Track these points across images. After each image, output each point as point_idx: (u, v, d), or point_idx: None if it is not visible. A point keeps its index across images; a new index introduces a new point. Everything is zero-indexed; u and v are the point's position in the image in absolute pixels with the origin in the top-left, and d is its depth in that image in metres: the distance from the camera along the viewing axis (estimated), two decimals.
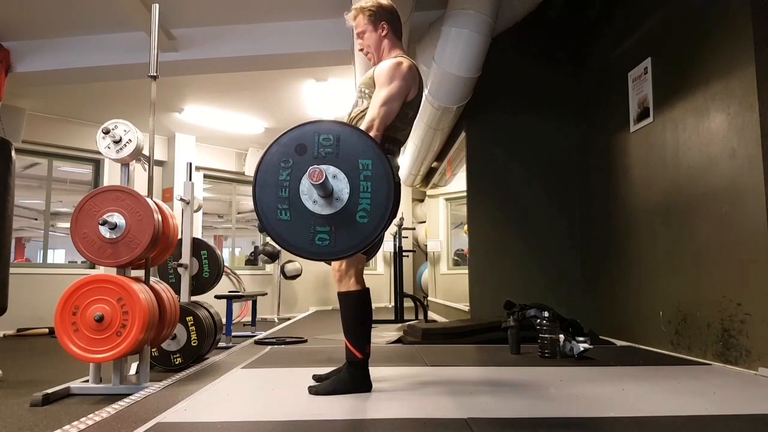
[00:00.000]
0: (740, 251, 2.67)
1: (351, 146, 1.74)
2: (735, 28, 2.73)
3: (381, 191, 1.72)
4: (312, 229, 1.71)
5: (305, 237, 1.71)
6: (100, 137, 2.65)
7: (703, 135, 2.97)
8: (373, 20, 2.33)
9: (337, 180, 1.72)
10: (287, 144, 1.74)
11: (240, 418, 1.80)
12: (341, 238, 1.71)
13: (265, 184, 1.73)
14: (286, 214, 1.71)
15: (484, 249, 4.79)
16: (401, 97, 2.15)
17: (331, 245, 1.71)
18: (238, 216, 9.28)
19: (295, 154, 1.73)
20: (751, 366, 2.57)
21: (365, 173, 1.72)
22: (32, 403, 2.28)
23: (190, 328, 3.19)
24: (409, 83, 2.18)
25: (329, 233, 1.71)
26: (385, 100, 2.10)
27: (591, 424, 1.71)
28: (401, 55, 2.29)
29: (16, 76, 4.70)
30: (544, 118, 4.77)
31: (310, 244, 1.71)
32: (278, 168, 1.73)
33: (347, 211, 1.71)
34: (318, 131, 1.74)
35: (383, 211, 1.72)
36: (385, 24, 2.33)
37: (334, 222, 1.71)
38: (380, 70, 2.19)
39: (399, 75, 2.14)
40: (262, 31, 4.50)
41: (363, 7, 2.34)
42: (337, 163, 1.72)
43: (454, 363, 3.00)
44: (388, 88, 2.12)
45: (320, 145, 1.72)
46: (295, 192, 1.71)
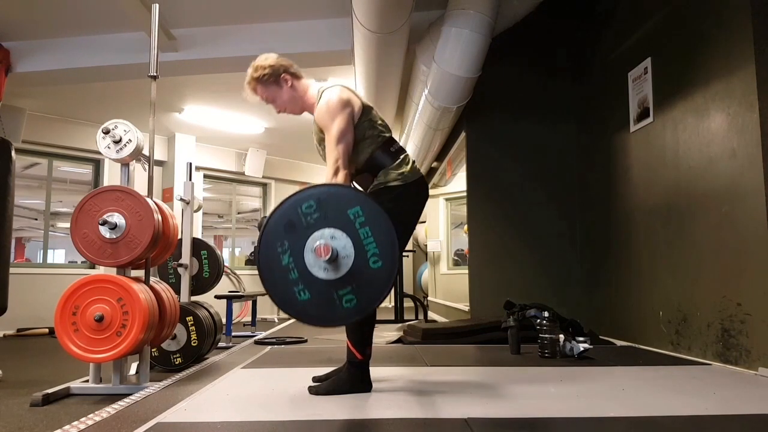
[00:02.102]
0: (740, 251, 2.67)
1: (334, 202, 1.72)
2: (735, 28, 2.73)
3: (381, 229, 1.70)
4: (336, 296, 1.68)
5: (332, 306, 1.68)
6: (100, 137, 2.65)
7: (703, 135, 2.97)
8: (272, 81, 2.31)
9: (337, 239, 1.69)
10: (275, 228, 1.71)
11: (240, 418, 1.80)
12: (366, 290, 1.69)
13: (272, 277, 1.70)
14: (305, 293, 1.68)
15: (484, 249, 4.79)
16: (350, 125, 2.15)
17: (360, 301, 1.68)
18: (238, 216, 9.29)
19: (287, 233, 1.70)
20: (751, 366, 2.57)
21: (359, 220, 1.70)
22: (32, 403, 2.28)
23: (190, 328, 3.19)
24: (347, 106, 2.17)
25: (353, 291, 1.68)
26: (337, 139, 2.11)
27: (591, 424, 1.71)
28: (320, 88, 2.28)
29: (16, 76, 4.70)
30: (544, 118, 4.78)
31: (340, 311, 1.68)
32: (277, 255, 1.69)
33: (360, 263, 1.68)
34: (298, 203, 1.71)
35: (391, 246, 1.70)
36: (285, 75, 2.31)
37: (352, 279, 1.68)
38: (319, 117, 2.20)
39: (335, 109, 2.14)
40: (262, 31, 4.50)
41: (256, 78, 2.31)
42: (328, 223, 1.70)
43: (454, 363, 3.00)
44: (333, 127, 2.12)
45: (305, 215, 1.70)
46: (303, 269, 1.68)
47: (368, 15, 3.44)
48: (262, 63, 2.32)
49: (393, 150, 2.26)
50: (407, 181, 2.20)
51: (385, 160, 2.22)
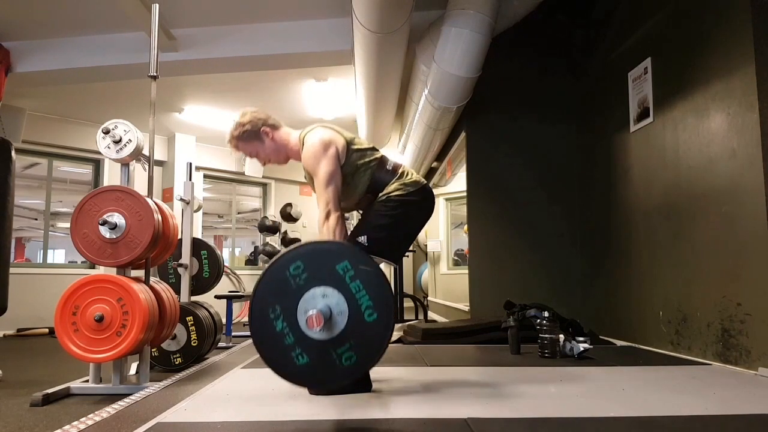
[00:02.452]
0: (740, 251, 2.67)
1: (321, 260, 1.68)
2: (735, 28, 2.73)
3: (373, 281, 1.67)
4: (335, 355, 1.64)
5: (333, 366, 1.64)
6: (100, 137, 2.65)
7: (703, 135, 2.97)
8: (253, 137, 2.32)
9: (329, 297, 1.65)
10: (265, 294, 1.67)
11: (240, 418, 1.80)
12: (364, 345, 1.65)
13: (267, 344, 1.66)
14: (304, 357, 1.64)
15: (484, 249, 4.79)
16: (336, 167, 2.16)
17: (360, 358, 1.65)
18: (238, 216, 9.29)
19: (277, 298, 1.66)
20: (751, 366, 2.57)
21: (349, 275, 1.66)
22: (32, 403, 2.28)
23: (190, 328, 3.19)
24: (330, 148, 2.17)
25: (351, 348, 1.64)
26: (325, 182, 2.12)
27: (591, 424, 1.70)
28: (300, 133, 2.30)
29: (16, 76, 4.70)
30: (544, 119, 4.77)
31: (340, 370, 1.64)
32: (270, 321, 1.65)
33: (355, 318, 1.64)
34: (285, 265, 1.67)
35: (385, 296, 1.67)
36: (265, 128, 2.32)
37: (349, 336, 1.64)
38: (306, 162, 2.21)
39: (319, 154, 2.15)
40: (262, 31, 4.50)
41: (237, 135, 2.32)
42: (318, 282, 1.66)
43: (454, 363, 3.00)
44: (320, 172, 2.14)
45: (294, 276, 1.66)
46: (298, 333, 1.64)
47: (368, 15, 3.44)
48: (240, 120, 2.34)
49: (390, 168, 2.29)
50: (409, 190, 2.23)
51: (385, 178, 2.26)
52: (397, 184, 2.24)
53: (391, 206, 2.20)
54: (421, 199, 2.26)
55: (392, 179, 2.26)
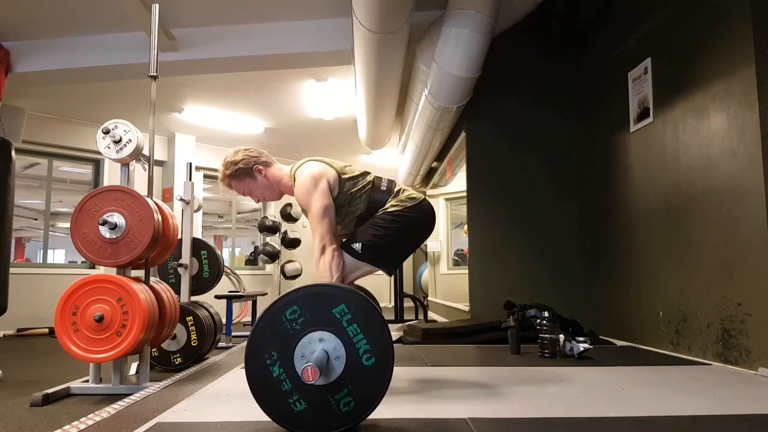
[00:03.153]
0: (740, 251, 2.67)
1: (318, 303, 1.65)
2: (735, 28, 2.73)
3: (371, 323, 1.64)
4: (333, 401, 1.61)
5: (332, 412, 1.61)
6: (100, 137, 2.65)
7: (703, 135, 2.97)
8: (246, 175, 2.32)
9: (325, 341, 1.62)
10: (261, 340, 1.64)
11: (240, 418, 1.80)
12: (363, 390, 1.62)
13: (263, 390, 1.62)
14: (301, 404, 1.61)
15: (484, 249, 4.79)
16: (327, 198, 2.17)
17: (358, 403, 1.61)
18: (238, 216, 9.29)
19: (274, 343, 1.63)
20: (751, 366, 2.57)
21: (346, 318, 1.63)
22: (32, 403, 2.28)
23: (190, 328, 3.19)
24: (321, 181, 2.18)
25: (350, 393, 1.61)
26: (319, 216, 2.13)
27: (591, 424, 1.70)
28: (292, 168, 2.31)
29: (16, 76, 4.70)
30: (544, 119, 4.78)
31: (340, 416, 1.61)
32: (267, 367, 1.62)
33: (352, 363, 1.62)
34: (281, 310, 1.64)
35: (384, 340, 1.64)
36: (258, 166, 2.32)
37: (347, 381, 1.61)
38: (298, 198, 2.22)
39: (309, 188, 2.17)
40: (262, 31, 4.50)
41: (228, 174, 2.32)
42: (315, 326, 1.63)
43: (454, 363, 3.00)
44: (313, 207, 2.15)
45: (290, 321, 1.63)
46: (295, 378, 1.60)
47: (368, 15, 3.44)
48: (232, 159, 2.33)
49: (384, 188, 2.30)
50: (406, 206, 2.25)
51: (382, 198, 2.28)
52: (395, 201, 2.26)
53: (389, 219, 2.22)
54: (417, 214, 2.27)
55: (389, 198, 2.27)
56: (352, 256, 2.19)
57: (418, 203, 2.29)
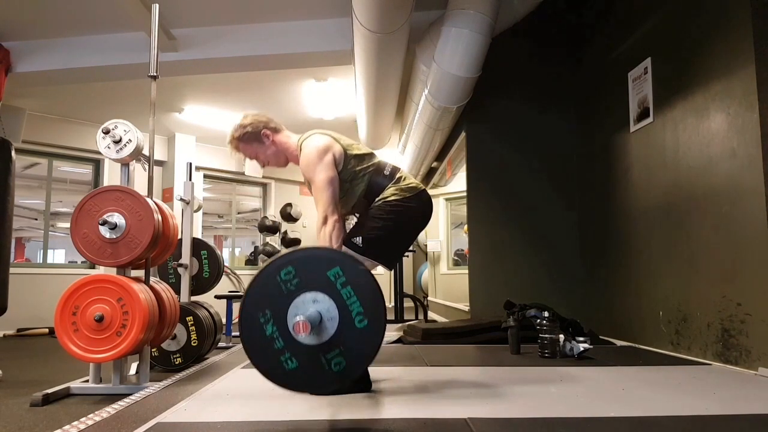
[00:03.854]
0: (740, 251, 2.67)
1: (313, 266, 1.68)
2: (735, 28, 2.73)
3: (363, 288, 1.67)
4: (323, 360, 1.64)
5: (321, 371, 1.64)
6: (100, 137, 2.65)
7: (703, 135, 2.97)
8: (254, 139, 2.34)
9: (319, 302, 1.65)
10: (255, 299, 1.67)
11: (240, 418, 1.80)
12: (354, 351, 1.65)
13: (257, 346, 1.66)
14: (293, 362, 1.64)
15: (484, 249, 4.79)
16: (332, 170, 2.17)
17: (349, 364, 1.64)
18: (238, 216, 9.29)
19: (268, 303, 1.65)
20: (751, 366, 2.57)
21: (340, 281, 1.66)
22: (32, 403, 2.28)
23: (190, 328, 3.19)
24: (327, 154, 2.19)
25: (341, 354, 1.64)
26: (322, 188, 2.14)
27: (591, 424, 1.70)
28: (299, 139, 2.31)
29: (16, 76, 4.70)
30: (544, 119, 4.78)
31: (330, 375, 1.64)
32: (260, 325, 1.65)
33: (345, 324, 1.64)
34: (276, 270, 1.67)
35: (376, 303, 1.67)
36: (265, 131, 2.34)
37: (339, 341, 1.64)
38: (303, 169, 2.23)
39: (314, 159, 2.17)
40: (262, 31, 4.50)
41: (237, 137, 2.34)
42: (309, 287, 1.66)
43: (454, 363, 3.00)
44: (317, 178, 2.15)
45: (285, 282, 1.66)
46: (288, 337, 1.63)
47: (368, 15, 3.44)
48: (242, 122, 2.36)
49: (387, 173, 2.30)
50: (405, 196, 2.24)
51: (383, 183, 2.27)
52: (394, 189, 2.25)
53: (387, 210, 2.21)
54: (417, 204, 2.27)
55: (389, 183, 2.26)
56: (354, 251, 2.18)
57: (417, 193, 2.27)
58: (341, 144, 2.26)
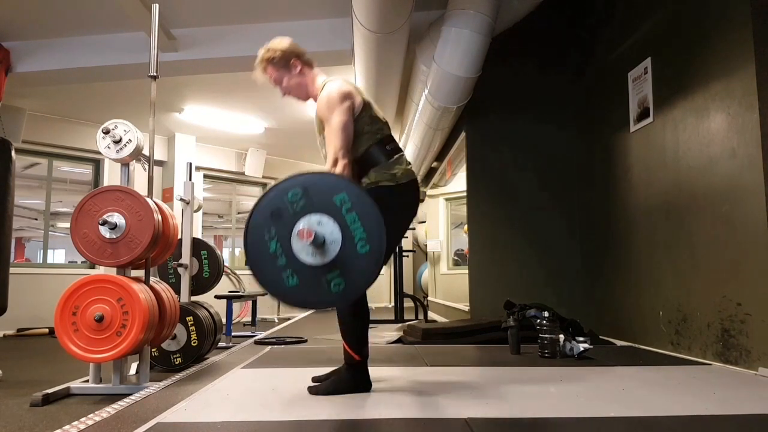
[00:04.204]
0: (740, 251, 2.67)
1: (321, 189, 1.74)
2: (735, 28, 2.73)
3: (368, 216, 1.72)
4: (324, 280, 1.70)
5: (321, 291, 1.70)
6: (100, 137, 2.65)
7: (703, 135, 2.97)
8: (282, 64, 2.33)
9: (323, 225, 1.70)
10: (262, 216, 1.73)
11: (240, 418, 1.80)
12: (354, 274, 1.71)
13: (259, 262, 1.72)
14: (294, 279, 1.70)
15: (484, 249, 4.79)
16: (350, 117, 2.16)
17: (349, 285, 1.70)
18: (238, 216, 9.28)
19: (274, 221, 1.71)
20: (751, 366, 2.57)
21: (346, 206, 1.71)
22: (32, 403, 2.28)
23: (190, 328, 3.19)
24: (348, 99, 2.17)
25: (341, 275, 1.70)
26: (337, 129, 2.12)
27: (591, 424, 1.70)
28: (325, 79, 2.31)
29: (16, 76, 4.70)
30: (544, 118, 4.77)
31: (329, 295, 1.70)
32: (265, 242, 1.71)
33: (347, 248, 1.70)
34: (284, 191, 1.73)
35: (379, 231, 1.71)
36: (295, 60, 2.33)
37: (340, 264, 1.70)
38: (320, 108, 2.21)
39: (335, 101, 2.15)
40: (262, 31, 4.50)
41: (267, 58, 2.32)
42: (315, 209, 1.71)
43: (454, 363, 3.00)
44: (333, 119, 2.13)
45: (292, 203, 1.71)
46: (291, 255, 1.70)
47: (368, 15, 3.43)
48: (275, 45, 2.34)
49: (389, 149, 2.24)
50: (398, 182, 2.19)
51: (380, 157, 2.21)
52: (387, 174, 2.18)
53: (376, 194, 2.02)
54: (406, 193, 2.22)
55: (386, 161, 2.19)
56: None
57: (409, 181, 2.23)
58: (362, 98, 2.25)
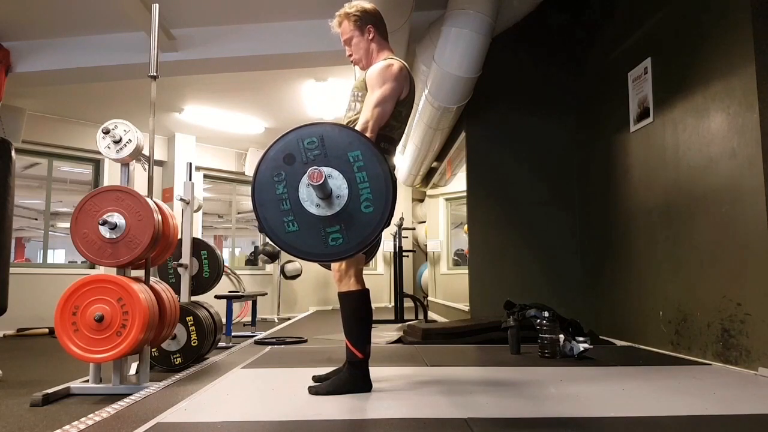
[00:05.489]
0: (740, 251, 2.67)
1: (337, 143, 1.74)
2: (735, 28, 2.73)
3: (378, 178, 1.72)
4: (323, 232, 1.70)
5: (318, 242, 1.70)
6: (100, 137, 2.65)
7: (703, 135, 2.97)
8: (359, 25, 2.33)
9: (333, 178, 1.71)
10: (275, 158, 1.73)
11: (240, 418, 1.80)
12: (353, 232, 1.71)
13: (264, 203, 1.72)
14: (294, 225, 1.71)
15: (484, 249, 4.79)
16: (394, 98, 2.17)
17: (346, 242, 1.70)
18: (238, 216, 9.29)
19: (285, 165, 1.72)
20: (751, 366, 2.57)
21: (357, 164, 1.72)
22: (32, 403, 2.28)
23: (190, 328, 3.19)
24: (401, 84, 2.19)
25: (340, 231, 1.70)
26: (378, 102, 2.12)
27: (591, 424, 1.71)
28: (391, 56, 2.30)
29: (16, 76, 4.70)
30: (544, 118, 4.77)
31: (325, 247, 1.70)
32: (273, 184, 1.72)
33: (351, 205, 1.70)
34: (301, 137, 1.73)
35: (385, 195, 1.71)
36: (371, 27, 2.34)
37: (341, 219, 1.70)
38: (371, 74, 2.21)
39: (390, 76, 2.16)
40: (262, 31, 4.50)
41: (348, 13, 2.34)
42: (327, 162, 1.72)
43: (454, 363, 3.00)
44: (380, 90, 2.14)
45: (306, 150, 1.72)
46: (296, 201, 1.70)
47: None
48: (360, 5, 2.36)
49: (393, 151, 2.29)
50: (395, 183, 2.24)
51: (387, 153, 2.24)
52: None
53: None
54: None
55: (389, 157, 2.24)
56: None
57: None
58: (411, 94, 2.26)
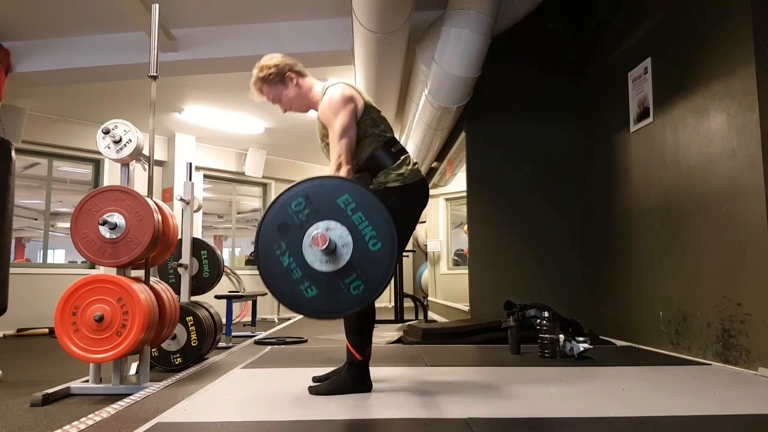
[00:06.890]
0: (740, 251, 2.67)
1: (323, 195, 1.73)
2: (735, 28, 2.73)
3: (374, 212, 1.71)
4: (343, 285, 1.69)
5: (343, 296, 1.68)
6: (100, 137, 2.65)
7: (703, 135, 2.97)
8: (279, 80, 2.32)
9: (332, 230, 1.70)
10: (269, 232, 1.72)
11: (240, 418, 1.80)
12: (371, 274, 1.70)
13: (275, 278, 1.71)
14: (312, 290, 1.69)
15: (484, 249, 4.79)
16: (353, 121, 2.16)
17: (368, 286, 1.69)
18: (238, 216, 9.29)
19: (282, 235, 1.70)
20: (751, 366, 2.57)
21: (350, 207, 1.70)
22: (32, 403, 2.28)
23: (190, 328, 3.19)
24: (350, 103, 2.18)
25: (359, 277, 1.69)
26: (340, 134, 2.12)
27: (591, 424, 1.71)
28: (324, 85, 2.30)
29: (16, 76, 4.70)
30: (544, 118, 4.77)
31: (351, 299, 1.69)
32: (276, 258, 1.70)
33: (360, 249, 1.69)
34: (286, 203, 1.72)
35: (387, 226, 1.70)
36: (291, 74, 2.32)
37: (355, 266, 1.69)
38: (322, 114, 2.22)
39: (337, 105, 2.16)
40: (262, 31, 4.50)
41: (261, 78, 2.31)
42: (321, 217, 1.70)
43: (454, 363, 3.00)
44: (337, 122, 2.13)
45: (296, 213, 1.70)
46: (305, 266, 1.69)
47: (368, 15, 3.43)
48: (267, 63, 2.33)
49: (394, 150, 2.25)
50: (406, 183, 2.19)
51: (386, 161, 2.21)
52: (395, 175, 2.18)
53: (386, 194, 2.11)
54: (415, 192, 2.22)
55: (392, 164, 2.20)
56: None
57: (417, 180, 2.23)
58: (364, 100, 2.25)
